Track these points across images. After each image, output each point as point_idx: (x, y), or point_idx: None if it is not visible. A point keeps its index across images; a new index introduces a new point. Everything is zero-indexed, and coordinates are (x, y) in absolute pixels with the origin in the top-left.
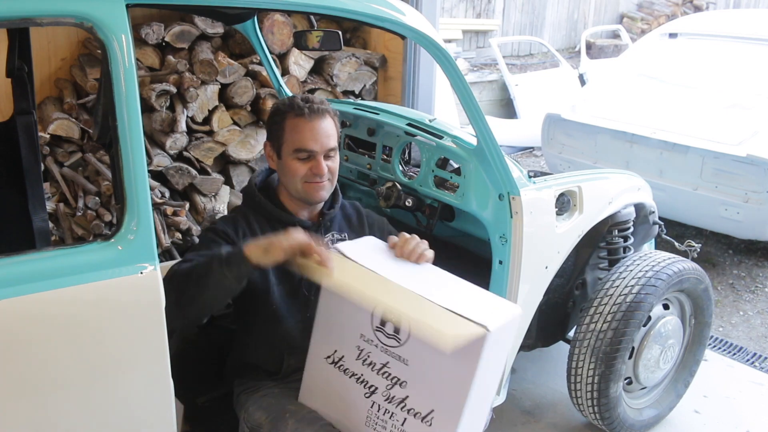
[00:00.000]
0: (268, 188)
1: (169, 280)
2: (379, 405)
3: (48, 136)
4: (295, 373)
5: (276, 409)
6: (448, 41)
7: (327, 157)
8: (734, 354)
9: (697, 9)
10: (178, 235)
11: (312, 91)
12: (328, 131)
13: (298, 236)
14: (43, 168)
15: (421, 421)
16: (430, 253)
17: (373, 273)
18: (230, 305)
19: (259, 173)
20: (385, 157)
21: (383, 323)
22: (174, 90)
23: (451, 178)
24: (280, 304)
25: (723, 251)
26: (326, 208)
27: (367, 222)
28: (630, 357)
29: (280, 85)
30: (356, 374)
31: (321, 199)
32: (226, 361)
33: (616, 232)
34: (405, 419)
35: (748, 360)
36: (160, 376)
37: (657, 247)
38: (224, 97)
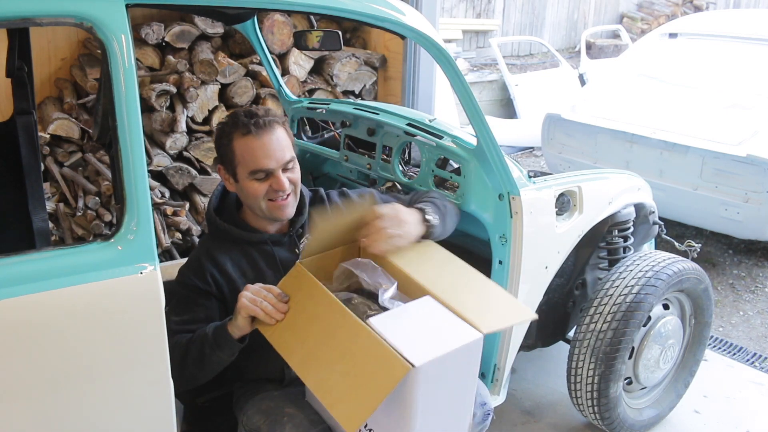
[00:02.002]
0: (228, 208)
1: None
2: None
3: (48, 136)
4: (297, 381)
5: (274, 412)
6: (448, 41)
7: (285, 169)
8: (734, 354)
9: (697, 9)
10: (178, 235)
11: (312, 91)
12: (280, 143)
13: (242, 302)
14: (43, 168)
15: None
16: (395, 242)
17: (324, 299)
18: None
19: (214, 195)
20: (385, 157)
21: None
22: (174, 90)
23: (451, 178)
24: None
25: (723, 251)
26: (295, 215)
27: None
28: (630, 357)
29: (280, 85)
30: None
31: (288, 216)
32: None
33: (616, 232)
34: None
35: (748, 360)
36: (160, 376)
37: (657, 247)
38: (224, 97)
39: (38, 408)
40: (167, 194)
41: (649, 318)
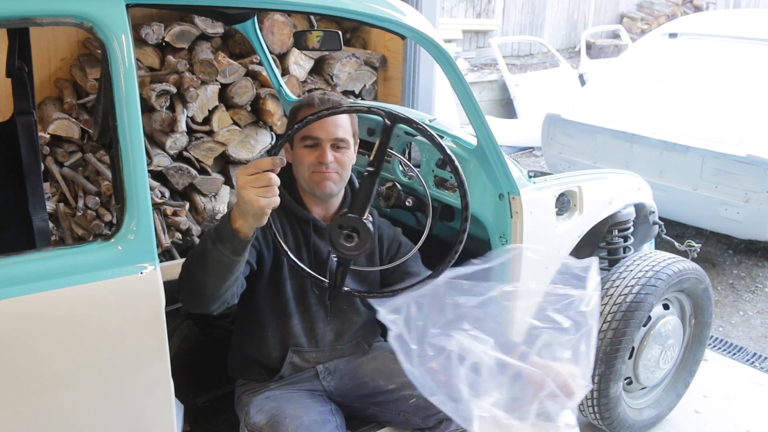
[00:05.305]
0: (287, 180)
1: (182, 270)
2: None
3: (48, 136)
4: (298, 373)
5: (276, 412)
6: (448, 41)
7: (336, 148)
8: (734, 354)
9: (697, 9)
10: (178, 235)
11: (312, 91)
12: (336, 122)
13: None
14: (43, 168)
15: None
16: None
17: None
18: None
19: None
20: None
21: None
22: (174, 90)
23: (451, 178)
24: (291, 299)
25: (723, 251)
26: (340, 210)
27: (377, 234)
28: (630, 357)
29: (280, 85)
30: None
31: (327, 190)
32: (227, 358)
33: (616, 232)
34: None
35: (748, 360)
36: (160, 376)
37: (657, 247)
38: (224, 97)
39: (39, 408)
40: (167, 194)
41: (649, 318)
